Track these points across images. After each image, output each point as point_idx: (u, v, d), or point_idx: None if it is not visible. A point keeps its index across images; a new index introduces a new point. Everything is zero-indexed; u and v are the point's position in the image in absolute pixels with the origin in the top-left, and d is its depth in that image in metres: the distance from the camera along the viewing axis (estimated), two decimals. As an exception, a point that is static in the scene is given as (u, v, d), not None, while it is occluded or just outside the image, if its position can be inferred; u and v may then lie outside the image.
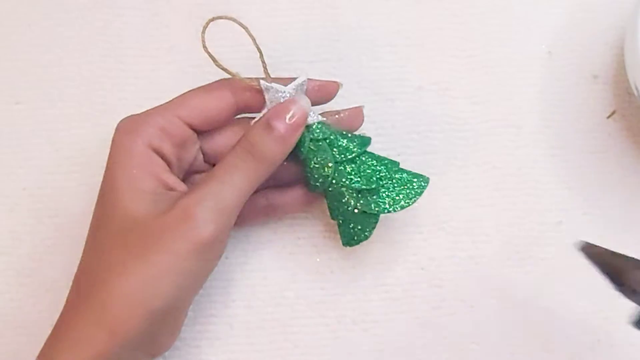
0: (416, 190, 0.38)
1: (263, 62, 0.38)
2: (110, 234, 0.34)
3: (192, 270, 0.34)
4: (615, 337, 0.41)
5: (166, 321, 0.35)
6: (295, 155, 0.38)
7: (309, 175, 0.38)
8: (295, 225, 0.42)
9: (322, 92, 0.39)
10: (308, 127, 0.38)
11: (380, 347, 0.41)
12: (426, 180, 0.39)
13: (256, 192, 0.39)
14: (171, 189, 0.36)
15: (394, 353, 0.41)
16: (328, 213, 0.39)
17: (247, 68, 0.38)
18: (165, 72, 0.44)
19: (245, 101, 0.38)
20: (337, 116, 0.39)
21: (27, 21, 0.45)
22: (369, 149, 0.39)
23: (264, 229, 0.42)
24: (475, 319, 0.41)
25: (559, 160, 0.43)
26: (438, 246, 0.42)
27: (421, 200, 0.42)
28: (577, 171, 0.43)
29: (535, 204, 0.42)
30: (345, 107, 0.40)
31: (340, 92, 0.40)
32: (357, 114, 0.40)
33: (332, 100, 0.40)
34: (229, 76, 0.38)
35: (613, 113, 0.43)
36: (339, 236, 0.40)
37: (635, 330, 0.41)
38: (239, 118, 0.39)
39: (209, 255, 0.35)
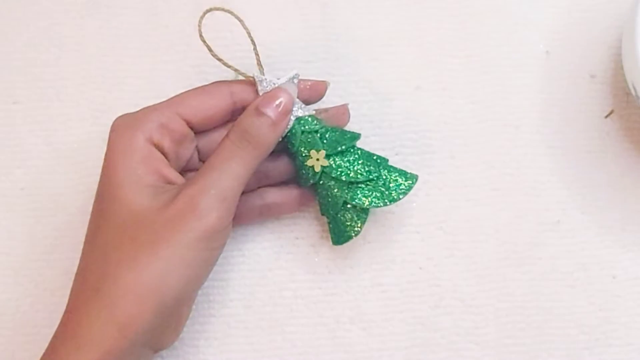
0: (405, 185, 0.39)
1: (257, 54, 0.39)
2: (114, 229, 0.34)
3: (200, 261, 0.34)
4: (614, 337, 0.41)
5: (173, 315, 0.36)
6: (287, 148, 0.39)
7: (300, 168, 0.39)
8: (293, 225, 0.42)
9: (313, 91, 0.40)
10: (300, 119, 0.38)
11: (378, 347, 0.41)
12: (415, 177, 0.40)
13: (251, 191, 0.40)
14: (171, 183, 0.36)
15: (392, 353, 0.41)
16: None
17: (243, 68, 0.39)
18: (164, 72, 0.44)
19: (243, 101, 0.38)
20: (323, 114, 0.40)
21: (25, 20, 0.44)
22: (362, 146, 0.40)
23: (262, 229, 0.42)
24: (474, 319, 0.41)
25: (557, 160, 0.43)
26: (436, 246, 0.42)
27: (419, 199, 0.42)
28: (575, 170, 0.43)
29: (533, 203, 0.42)
30: (335, 105, 0.41)
31: (337, 91, 0.41)
32: (343, 111, 0.41)
33: (328, 100, 0.41)
34: (226, 73, 0.38)
35: (611, 113, 0.43)
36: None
37: (634, 330, 0.41)
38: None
39: (215, 244, 0.35)
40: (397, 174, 0.39)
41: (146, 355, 0.36)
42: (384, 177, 0.39)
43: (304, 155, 0.39)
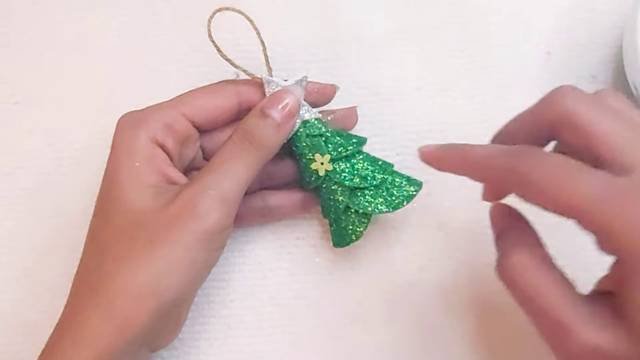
0: (408, 192, 0.39)
1: (265, 55, 0.38)
2: (114, 228, 0.34)
3: (198, 261, 0.34)
4: (614, 337, 0.41)
5: (171, 314, 0.36)
6: (291, 150, 0.38)
7: (304, 170, 0.39)
8: (293, 225, 0.42)
9: (320, 95, 0.40)
10: (305, 122, 0.38)
11: (379, 348, 0.41)
12: (419, 184, 0.39)
13: (253, 193, 0.40)
14: (174, 183, 0.36)
15: (393, 353, 0.41)
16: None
17: (245, 67, 0.38)
18: (164, 72, 0.44)
19: (249, 102, 0.38)
20: (331, 116, 0.40)
21: (27, 21, 0.45)
22: (365, 149, 0.40)
23: (263, 229, 0.42)
24: (475, 320, 0.41)
25: (558, 160, 0.43)
26: (437, 246, 0.42)
27: (420, 200, 0.42)
28: (576, 171, 0.43)
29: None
30: (343, 107, 0.41)
31: (338, 92, 0.40)
32: (351, 114, 0.41)
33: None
34: (228, 73, 0.38)
35: (612, 113, 0.43)
36: (335, 237, 0.40)
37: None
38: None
39: (214, 245, 0.35)
40: (401, 180, 0.39)
41: (144, 355, 0.36)
42: (388, 183, 0.39)
43: (308, 158, 0.38)
